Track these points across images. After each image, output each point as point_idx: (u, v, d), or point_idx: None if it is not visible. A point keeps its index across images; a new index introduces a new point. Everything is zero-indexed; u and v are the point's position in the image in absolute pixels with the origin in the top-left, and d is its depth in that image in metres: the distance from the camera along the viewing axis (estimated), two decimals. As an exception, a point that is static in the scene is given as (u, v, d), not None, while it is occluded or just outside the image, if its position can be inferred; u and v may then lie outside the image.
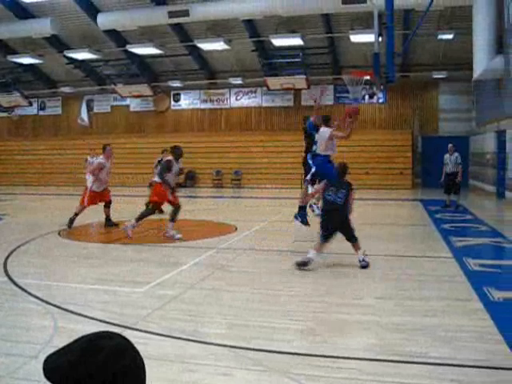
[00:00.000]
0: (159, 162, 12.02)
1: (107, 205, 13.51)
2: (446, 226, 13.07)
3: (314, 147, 11.41)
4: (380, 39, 13.88)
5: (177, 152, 11.67)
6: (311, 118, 12.01)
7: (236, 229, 12.97)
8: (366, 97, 26.95)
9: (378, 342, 5.24)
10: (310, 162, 11.45)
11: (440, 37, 21.85)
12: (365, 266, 8.56)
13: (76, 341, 1.39)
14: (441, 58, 24.84)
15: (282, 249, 10.56)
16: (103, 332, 1.44)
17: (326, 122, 11.20)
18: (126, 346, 1.41)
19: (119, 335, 1.44)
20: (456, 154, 16.83)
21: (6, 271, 8.43)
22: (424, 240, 11.65)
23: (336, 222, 8.78)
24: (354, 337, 5.44)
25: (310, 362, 4.73)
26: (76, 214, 12.99)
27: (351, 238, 8.85)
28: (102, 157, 13.44)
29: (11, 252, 10.02)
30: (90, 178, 13.49)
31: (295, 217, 11.62)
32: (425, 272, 8.38)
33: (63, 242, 11.45)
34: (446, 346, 5.04)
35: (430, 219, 14.53)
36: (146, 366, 1.43)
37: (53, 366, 1.34)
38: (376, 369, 4.57)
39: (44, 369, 1.35)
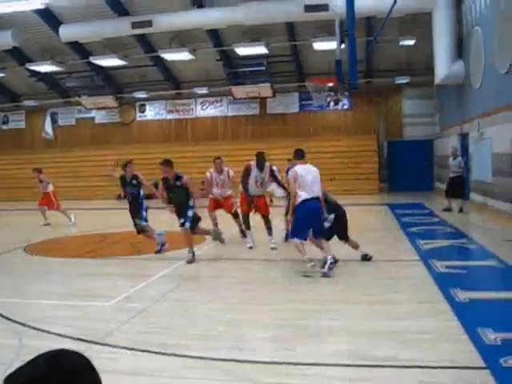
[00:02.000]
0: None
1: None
2: (413, 229, 13.21)
3: None
4: (342, 46, 14.03)
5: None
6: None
7: (205, 239, 12.92)
8: (331, 103, 27.18)
9: (347, 347, 5.27)
10: None
11: (402, 43, 22.14)
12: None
13: (34, 360, 1.37)
14: (403, 64, 25.18)
15: (251, 257, 10.57)
16: (63, 350, 1.43)
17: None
18: (86, 365, 1.40)
19: (78, 353, 1.42)
20: (459, 159, 16.87)
21: (-31, 289, 8.28)
22: (392, 243, 11.76)
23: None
24: (323, 343, 5.47)
25: (279, 370, 4.73)
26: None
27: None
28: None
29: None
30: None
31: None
32: (392, 275, 8.47)
33: (29, 258, 11.28)
34: (413, 349, 5.09)
35: (397, 223, 14.67)
36: (117, 381, 1.42)
37: (16, 383, 1.32)
38: (346, 374, 4.60)
39: None
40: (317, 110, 27.48)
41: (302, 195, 8.71)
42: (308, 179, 8.84)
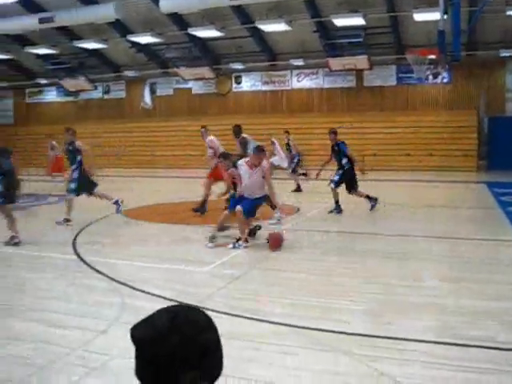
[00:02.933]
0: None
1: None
2: (514, 208, 12.72)
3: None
4: (445, 17, 13.52)
5: None
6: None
7: (298, 210, 13.00)
8: (430, 77, 26.33)
9: (442, 324, 5.19)
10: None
11: (508, 13, 21.04)
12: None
13: (160, 312, 1.45)
14: (509, 36, 23.96)
15: (342, 230, 10.54)
16: (185, 306, 1.50)
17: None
18: (210, 320, 1.46)
19: (201, 310, 1.49)
20: None
21: (75, 249, 8.74)
22: (490, 223, 11.38)
23: None
24: (417, 319, 5.40)
25: (372, 343, 4.73)
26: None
27: None
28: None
29: (80, 231, 10.36)
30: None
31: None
32: (491, 255, 8.21)
33: (129, 222, 11.74)
34: (511, 331, 4.95)
35: (495, 202, 14.16)
36: None
37: (142, 336, 1.39)
38: (440, 352, 4.53)
39: (134, 338, 1.40)
40: (415, 84, 26.70)
41: None
42: None
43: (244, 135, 12.46)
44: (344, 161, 12.31)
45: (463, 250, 8.62)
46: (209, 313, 1.36)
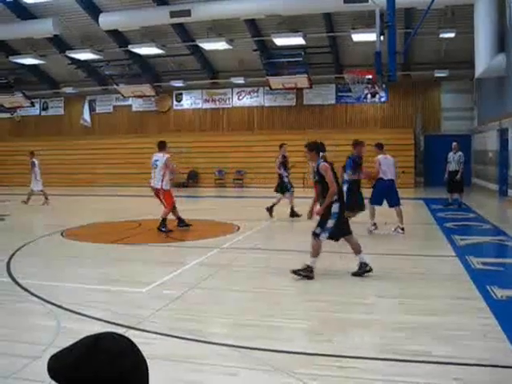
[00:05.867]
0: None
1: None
2: (449, 224, 13.06)
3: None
4: (382, 38, 13.87)
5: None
6: None
7: (238, 228, 12.98)
8: (368, 96, 26.95)
9: (381, 340, 5.25)
10: None
11: (442, 35, 21.79)
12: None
13: (80, 341, 1.41)
14: (443, 57, 24.79)
15: (285, 248, 10.58)
16: (107, 333, 1.45)
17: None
18: (130, 347, 1.42)
19: (122, 336, 1.45)
20: (460, 153, 16.83)
21: (9, 272, 8.45)
22: (427, 239, 11.67)
23: None
24: (357, 336, 5.45)
25: (313, 362, 4.73)
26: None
27: None
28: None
29: (14, 252, 10.04)
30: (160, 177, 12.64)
31: None
32: (427, 271, 8.39)
33: (66, 243, 11.47)
34: (448, 345, 5.05)
35: (433, 218, 14.53)
36: (151, 366, 1.45)
37: (58, 365, 1.35)
38: (379, 368, 4.58)
39: (49, 368, 1.36)
40: (353, 103, 27.30)
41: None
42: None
43: None
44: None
45: (402, 265, 8.78)
46: (148, 335, 1.34)
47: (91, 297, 7.01)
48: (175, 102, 30.60)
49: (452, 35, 21.71)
